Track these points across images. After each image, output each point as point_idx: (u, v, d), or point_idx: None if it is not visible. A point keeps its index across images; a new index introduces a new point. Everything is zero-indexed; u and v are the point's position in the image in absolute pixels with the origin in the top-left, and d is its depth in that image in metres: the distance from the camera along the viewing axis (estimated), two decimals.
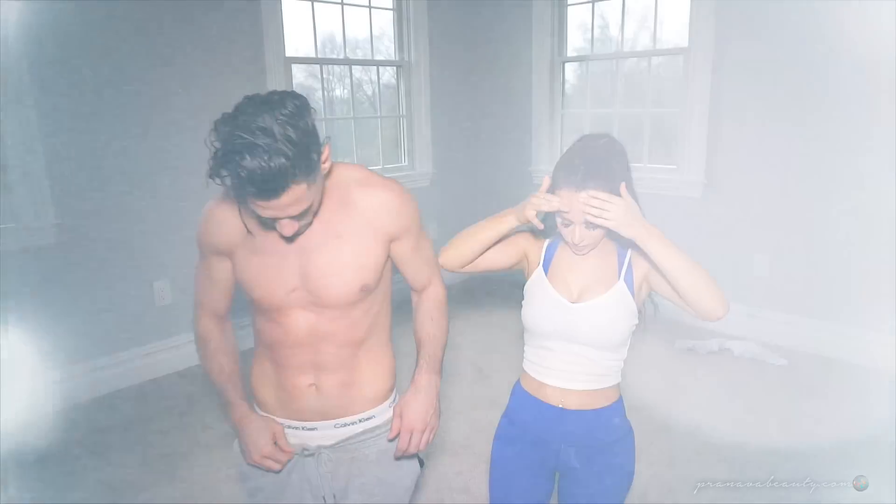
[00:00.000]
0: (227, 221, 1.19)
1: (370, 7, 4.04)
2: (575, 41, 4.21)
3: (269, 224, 1.10)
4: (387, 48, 4.26)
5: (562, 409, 1.33)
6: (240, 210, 1.12)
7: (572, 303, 1.31)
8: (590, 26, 4.09)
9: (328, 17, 3.87)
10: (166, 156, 3.14)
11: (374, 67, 4.19)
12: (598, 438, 1.33)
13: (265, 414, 1.29)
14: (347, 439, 1.27)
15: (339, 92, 4.10)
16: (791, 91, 3.24)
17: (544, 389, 1.35)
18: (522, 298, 1.39)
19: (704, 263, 1.22)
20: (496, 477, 1.43)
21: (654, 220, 1.23)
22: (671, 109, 3.82)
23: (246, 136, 0.93)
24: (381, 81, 4.26)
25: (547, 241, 1.40)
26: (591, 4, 4.03)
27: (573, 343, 1.31)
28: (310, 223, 1.13)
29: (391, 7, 4.17)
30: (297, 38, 3.71)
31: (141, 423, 2.81)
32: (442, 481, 2.35)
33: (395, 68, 4.28)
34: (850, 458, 2.42)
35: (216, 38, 3.26)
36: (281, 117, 0.95)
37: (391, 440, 1.26)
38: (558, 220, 1.29)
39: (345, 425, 1.27)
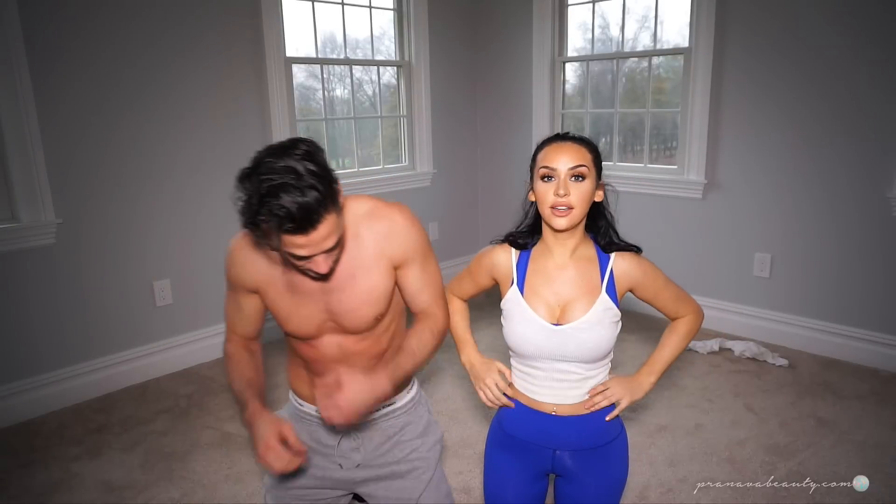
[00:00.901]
0: (253, 260, 1.27)
1: (370, 7, 4.04)
2: (575, 41, 4.21)
3: (297, 268, 1.17)
4: (387, 48, 4.26)
5: (554, 415, 1.33)
6: (280, 254, 1.17)
7: (555, 324, 1.27)
8: (590, 26, 4.09)
9: (328, 17, 3.87)
10: (165, 156, 3.14)
11: (375, 67, 4.19)
12: (592, 441, 1.33)
13: (303, 402, 1.42)
14: (373, 420, 1.39)
15: (340, 92, 4.10)
16: (791, 91, 3.24)
17: (535, 400, 1.34)
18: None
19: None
20: (490, 480, 1.43)
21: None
22: (671, 109, 3.83)
23: (275, 178, 1.00)
24: (381, 81, 4.26)
25: (515, 253, 1.34)
26: (591, 4, 4.03)
27: (560, 361, 1.29)
28: (338, 259, 1.21)
29: (391, 7, 4.17)
30: (298, 38, 3.71)
31: (141, 423, 2.82)
32: None
33: (395, 68, 4.28)
34: (850, 458, 2.43)
35: (216, 38, 3.27)
36: (297, 156, 1.03)
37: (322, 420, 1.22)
38: (537, 178, 1.25)
39: (373, 413, 1.37)
